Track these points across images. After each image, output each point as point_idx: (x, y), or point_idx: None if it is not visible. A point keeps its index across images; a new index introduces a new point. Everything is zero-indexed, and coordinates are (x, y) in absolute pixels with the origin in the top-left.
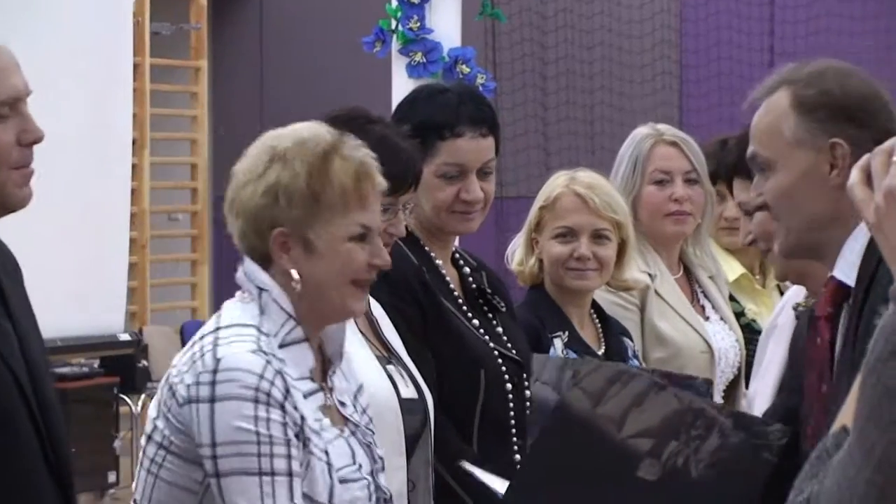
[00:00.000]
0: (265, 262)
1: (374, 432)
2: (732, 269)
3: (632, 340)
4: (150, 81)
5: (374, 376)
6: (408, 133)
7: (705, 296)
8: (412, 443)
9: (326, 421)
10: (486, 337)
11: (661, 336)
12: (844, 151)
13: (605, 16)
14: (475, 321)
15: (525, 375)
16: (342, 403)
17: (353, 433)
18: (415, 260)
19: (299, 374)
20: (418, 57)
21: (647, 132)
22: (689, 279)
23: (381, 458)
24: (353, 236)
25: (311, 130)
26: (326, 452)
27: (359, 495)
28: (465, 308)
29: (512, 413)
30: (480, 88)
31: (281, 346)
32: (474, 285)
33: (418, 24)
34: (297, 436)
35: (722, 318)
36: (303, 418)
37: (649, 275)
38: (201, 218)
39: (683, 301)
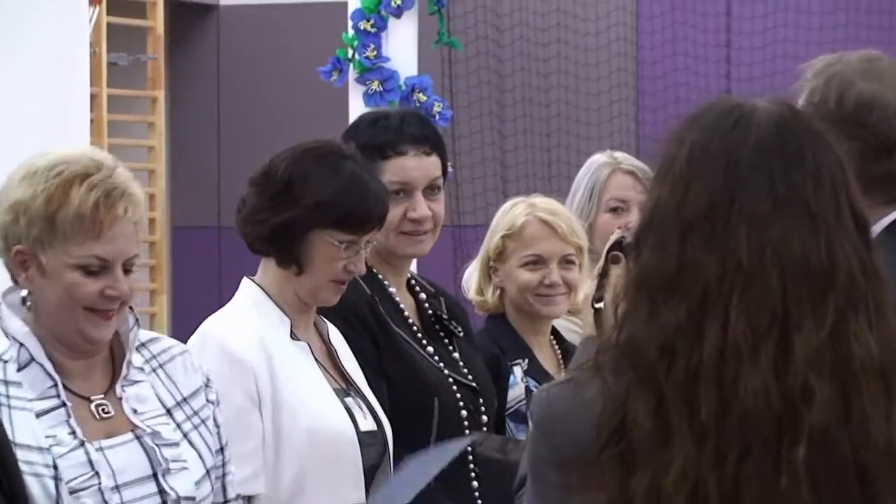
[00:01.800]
0: (15, 280)
1: (194, 426)
2: None
3: None
4: (108, 112)
5: (329, 410)
6: (377, 178)
7: None
8: (370, 474)
9: (64, 436)
10: (441, 364)
11: None
12: None
13: (561, 44)
14: (430, 348)
15: (482, 402)
16: (134, 410)
17: (138, 438)
18: (367, 289)
19: (36, 393)
20: (375, 85)
21: (605, 160)
22: None
23: (166, 459)
24: (83, 266)
25: (75, 154)
26: (55, 467)
27: (86, 502)
28: (419, 335)
29: None
30: (437, 117)
31: (18, 369)
32: (430, 311)
33: (375, 52)
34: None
35: None
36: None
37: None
38: (160, 248)
39: None
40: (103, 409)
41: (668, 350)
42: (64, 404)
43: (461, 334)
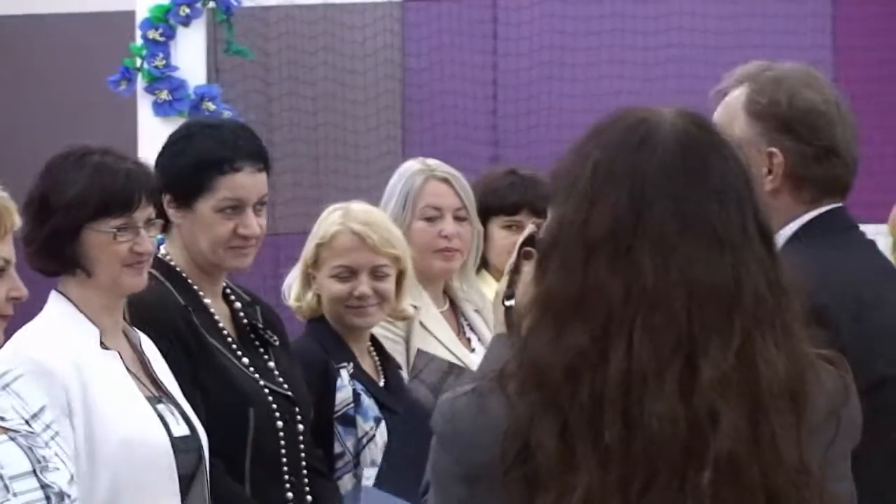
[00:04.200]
0: None
1: (51, 437)
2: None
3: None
4: None
5: (141, 418)
6: (133, 160)
7: (471, 328)
8: (188, 482)
9: None
10: (256, 374)
11: None
12: (779, 161)
13: (328, 51)
14: (245, 359)
15: (297, 411)
16: (1, 418)
17: (12, 439)
18: (181, 300)
19: None
20: (164, 95)
21: (418, 167)
22: (455, 312)
23: (44, 458)
24: None
25: None
26: None
27: None
28: (234, 346)
29: (283, 451)
30: None
31: None
32: (246, 321)
33: (164, 61)
34: None
35: None
36: None
37: (414, 307)
38: None
39: (449, 333)
40: None
41: (573, 373)
42: None
43: (277, 343)
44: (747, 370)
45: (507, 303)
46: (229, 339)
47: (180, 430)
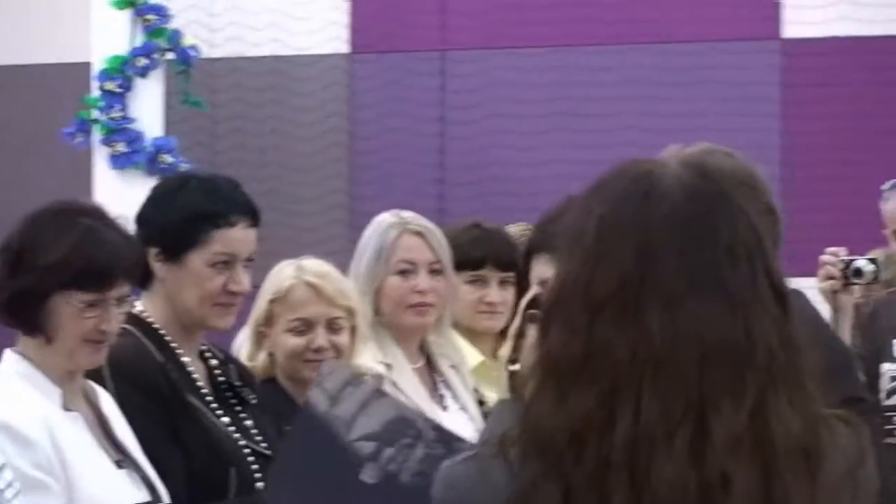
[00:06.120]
0: None
1: (13, 495)
2: (472, 355)
3: None
4: None
5: (111, 483)
6: (121, 225)
7: (446, 385)
8: None
9: None
10: (237, 434)
11: None
12: None
13: (275, 103)
14: (224, 418)
15: None
16: None
17: None
18: (159, 357)
19: None
20: (120, 147)
21: (392, 220)
22: (430, 369)
23: None
24: None
25: None
26: None
27: None
28: (212, 405)
29: None
30: None
31: None
32: (222, 378)
33: (120, 113)
34: None
35: (462, 408)
36: None
37: (386, 365)
38: None
39: (420, 391)
40: None
41: (577, 438)
42: None
43: (254, 401)
44: (760, 430)
45: (512, 367)
46: (208, 398)
47: (141, 495)
